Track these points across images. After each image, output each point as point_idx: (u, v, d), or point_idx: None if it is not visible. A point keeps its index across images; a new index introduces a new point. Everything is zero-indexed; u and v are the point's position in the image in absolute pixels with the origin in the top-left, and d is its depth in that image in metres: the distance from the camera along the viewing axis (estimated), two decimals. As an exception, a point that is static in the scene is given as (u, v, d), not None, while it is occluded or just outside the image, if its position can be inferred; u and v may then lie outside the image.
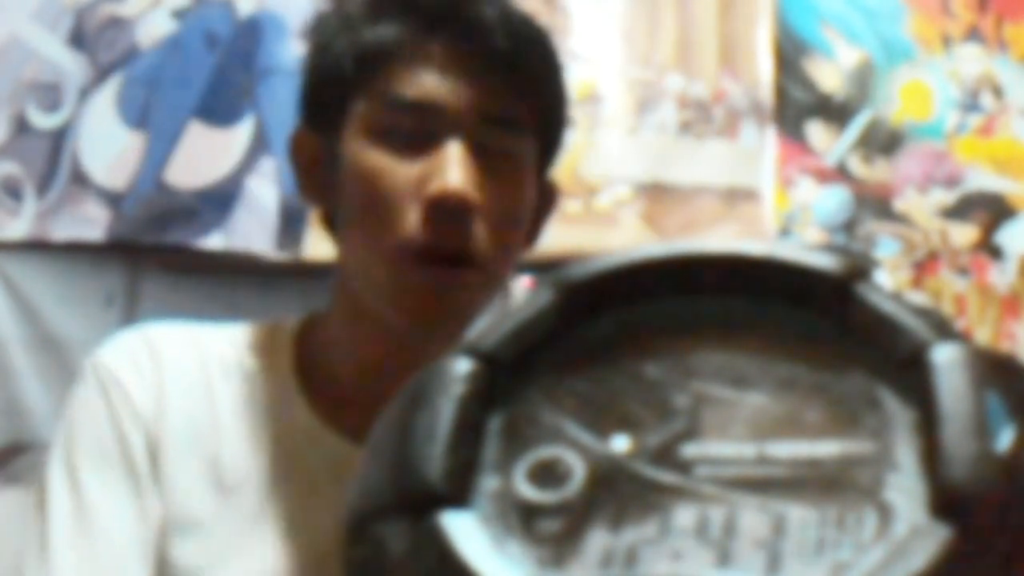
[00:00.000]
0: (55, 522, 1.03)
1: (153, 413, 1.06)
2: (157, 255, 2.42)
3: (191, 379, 1.09)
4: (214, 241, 2.32)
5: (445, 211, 1.00)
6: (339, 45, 1.06)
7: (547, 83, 1.09)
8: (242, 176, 2.38)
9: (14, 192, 2.45)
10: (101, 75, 2.47)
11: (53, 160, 2.45)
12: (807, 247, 0.50)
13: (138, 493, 1.04)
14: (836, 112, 2.39)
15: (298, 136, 1.13)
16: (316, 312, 1.14)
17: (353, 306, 1.07)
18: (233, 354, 1.11)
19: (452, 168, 1.01)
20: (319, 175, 1.10)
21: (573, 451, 0.48)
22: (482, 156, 1.04)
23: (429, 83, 1.04)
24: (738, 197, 2.38)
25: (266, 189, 2.37)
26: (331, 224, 1.11)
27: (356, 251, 1.06)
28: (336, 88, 1.07)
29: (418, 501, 0.47)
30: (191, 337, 1.11)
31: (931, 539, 0.43)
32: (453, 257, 1.01)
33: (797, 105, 2.39)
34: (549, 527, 0.46)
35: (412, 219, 1.01)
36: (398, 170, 1.02)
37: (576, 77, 2.40)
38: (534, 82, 1.06)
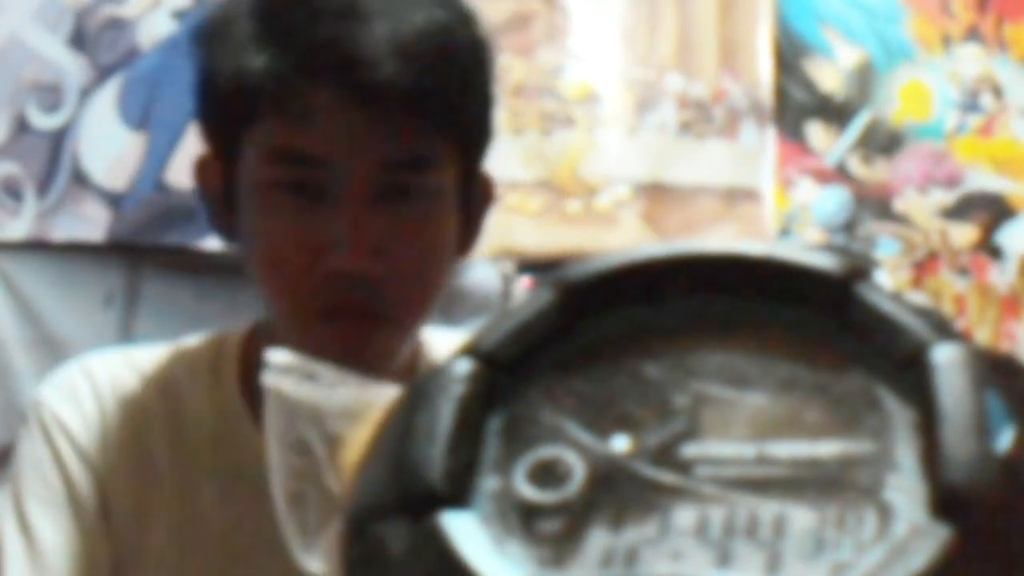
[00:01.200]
0: (9, 563, 1.00)
1: (97, 450, 1.02)
2: (157, 255, 2.42)
3: (134, 412, 1.03)
4: (214, 241, 2.32)
5: (343, 284, 0.93)
6: (223, 71, 0.95)
7: (463, 101, 0.96)
8: (242, 176, 2.38)
9: (14, 192, 2.45)
10: (101, 76, 2.47)
11: (53, 160, 2.45)
12: (807, 247, 0.50)
13: (86, 531, 1.01)
14: (836, 112, 2.39)
15: (202, 162, 1.02)
16: (261, 321, 1.05)
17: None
18: (177, 379, 1.05)
19: (343, 237, 0.92)
20: (228, 208, 1.00)
21: (573, 451, 0.48)
22: (388, 202, 0.94)
23: (317, 134, 0.92)
24: (738, 197, 2.38)
25: (266, 189, 2.37)
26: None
27: (264, 299, 0.99)
28: (223, 119, 0.97)
29: (418, 501, 0.47)
30: (132, 366, 1.05)
31: (931, 539, 0.43)
32: (363, 313, 0.95)
33: (797, 105, 2.39)
34: (549, 527, 0.46)
35: (311, 283, 0.94)
36: (289, 234, 0.94)
37: (576, 77, 2.40)
38: (445, 108, 0.94)
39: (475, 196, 1.01)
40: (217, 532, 1.02)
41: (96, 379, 1.04)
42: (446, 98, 0.93)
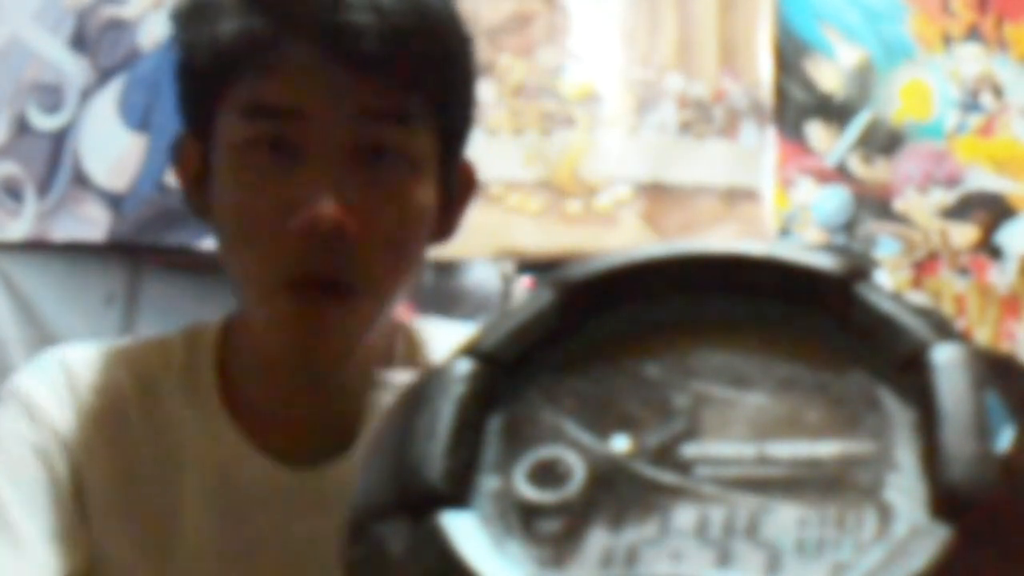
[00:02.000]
0: None
1: (74, 437, 0.99)
2: (157, 255, 2.42)
3: (111, 403, 1.01)
4: (214, 241, 2.32)
5: (316, 242, 0.89)
6: (198, 40, 0.95)
7: (444, 64, 0.94)
8: (242, 176, 2.38)
9: (15, 193, 2.45)
10: (102, 77, 2.47)
11: (54, 161, 2.45)
12: (807, 247, 0.50)
13: (64, 515, 0.98)
14: (836, 112, 2.39)
15: (182, 143, 1.01)
16: (235, 314, 1.03)
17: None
18: (153, 373, 1.02)
19: (321, 191, 0.90)
20: (204, 188, 0.98)
21: (573, 451, 0.48)
22: (365, 162, 0.92)
23: (292, 86, 0.91)
24: (738, 197, 2.38)
25: (266, 189, 2.37)
26: None
27: (233, 278, 0.97)
28: (200, 91, 0.96)
29: (418, 501, 0.47)
30: (108, 357, 1.03)
31: (931, 539, 0.43)
32: (331, 285, 0.91)
33: (797, 105, 2.39)
34: (549, 527, 0.46)
35: (282, 248, 0.91)
36: (263, 192, 0.91)
37: (576, 77, 2.40)
38: (425, 66, 0.92)
39: (456, 180, 0.99)
40: (198, 534, 0.99)
41: (72, 368, 1.02)
42: (427, 56, 0.92)
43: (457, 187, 1.00)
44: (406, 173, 0.93)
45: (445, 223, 0.98)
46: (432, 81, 0.93)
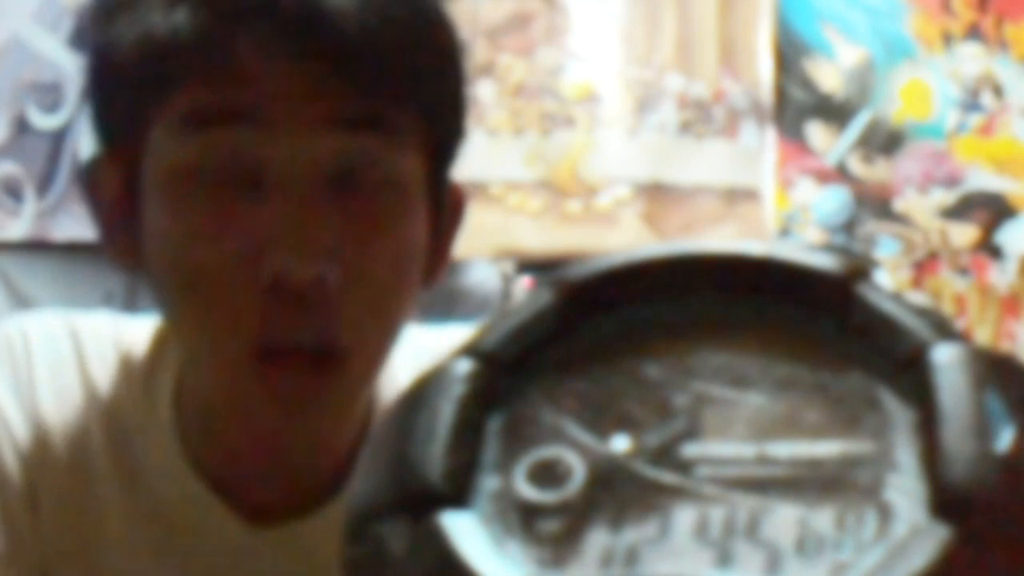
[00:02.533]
0: None
1: (31, 448, 0.81)
2: (157, 255, 2.42)
3: (71, 397, 0.83)
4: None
5: (289, 301, 0.70)
6: (123, 38, 0.74)
7: (432, 65, 0.76)
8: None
9: (14, 192, 2.45)
10: (101, 75, 2.47)
11: (53, 160, 2.45)
12: (807, 247, 0.50)
13: (11, 524, 0.81)
14: (836, 112, 2.39)
15: (95, 166, 0.79)
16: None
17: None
18: (115, 380, 0.84)
19: (290, 231, 0.69)
20: (128, 226, 0.76)
21: (573, 451, 0.48)
22: (343, 188, 0.72)
23: (247, 86, 0.71)
24: (738, 197, 2.38)
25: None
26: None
27: (178, 340, 0.77)
28: (126, 101, 0.75)
29: (418, 501, 0.47)
30: (75, 340, 0.85)
31: (931, 539, 0.43)
32: (312, 353, 0.71)
33: (797, 105, 2.39)
34: (549, 527, 0.46)
35: (243, 308, 0.71)
36: (214, 232, 0.71)
37: (576, 77, 2.40)
38: (411, 66, 0.73)
39: (444, 206, 0.80)
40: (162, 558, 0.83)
41: (34, 348, 0.84)
42: (412, 55, 0.73)
43: (446, 215, 0.81)
44: (393, 201, 0.74)
45: (435, 259, 0.79)
46: (423, 83, 0.74)
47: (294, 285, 0.70)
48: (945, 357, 0.47)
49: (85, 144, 2.45)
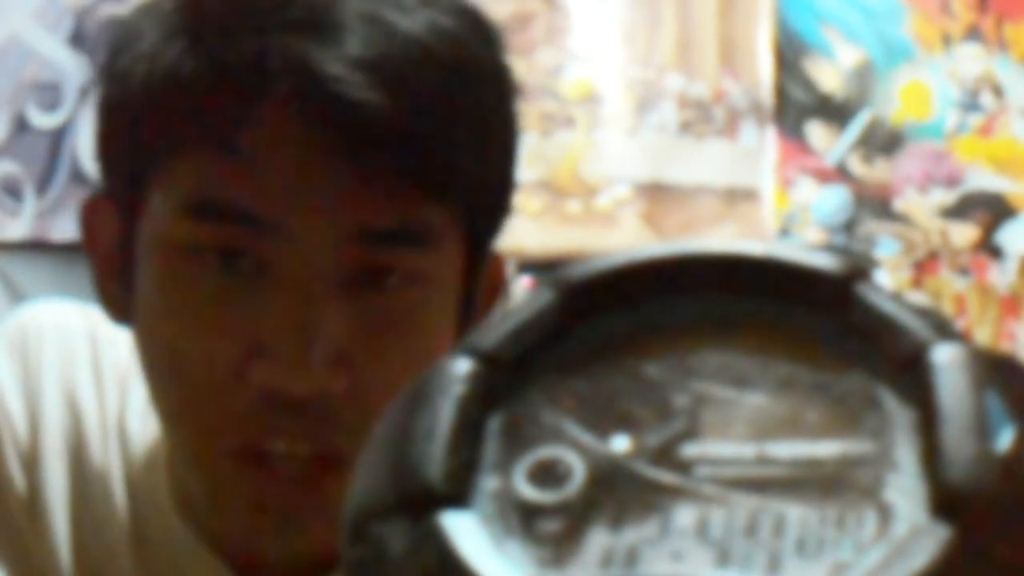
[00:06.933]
0: None
1: (29, 434, 0.77)
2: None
3: (75, 400, 0.78)
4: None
5: (286, 406, 0.63)
6: (131, 77, 0.66)
7: (477, 146, 0.66)
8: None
9: (14, 192, 2.45)
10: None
11: (53, 160, 2.45)
12: (807, 247, 0.50)
13: (12, 533, 0.76)
14: (836, 112, 2.39)
15: (92, 205, 0.74)
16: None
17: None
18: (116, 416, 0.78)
19: (296, 331, 0.62)
20: (123, 277, 0.70)
21: (573, 451, 0.48)
22: (362, 286, 0.64)
23: (263, 185, 0.62)
24: (738, 197, 2.38)
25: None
26: None
27: (159, 417, 0.69)
28: (127, 146, 0.68)
29: (418, 501, 0.47)
30: (92, 340, 0.80)
31: (931, 539, 0.43)
32: (306, 461, 0.64)
33: (797, 105, 2.39)
34: (549, 527, 0.46)
35: (236, 406, 0.64)
36: (210, 321, 0.64)
37: (576, 77, 2.40)
38: (450, 156, 0.64)
39: (479, 287, 0.72)
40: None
41: (46, 347, 0.79)
42: (452, 141, 0.64)
43: (483, 292, 0.72)
44: (419, 300, 0.66)
45: (463, 331, 0.69)
46: (464, 175, 0.66)
47: (290, 399, 0.63)
48: (945, 357, 0.47)
49: (85, 143, 2.45)
